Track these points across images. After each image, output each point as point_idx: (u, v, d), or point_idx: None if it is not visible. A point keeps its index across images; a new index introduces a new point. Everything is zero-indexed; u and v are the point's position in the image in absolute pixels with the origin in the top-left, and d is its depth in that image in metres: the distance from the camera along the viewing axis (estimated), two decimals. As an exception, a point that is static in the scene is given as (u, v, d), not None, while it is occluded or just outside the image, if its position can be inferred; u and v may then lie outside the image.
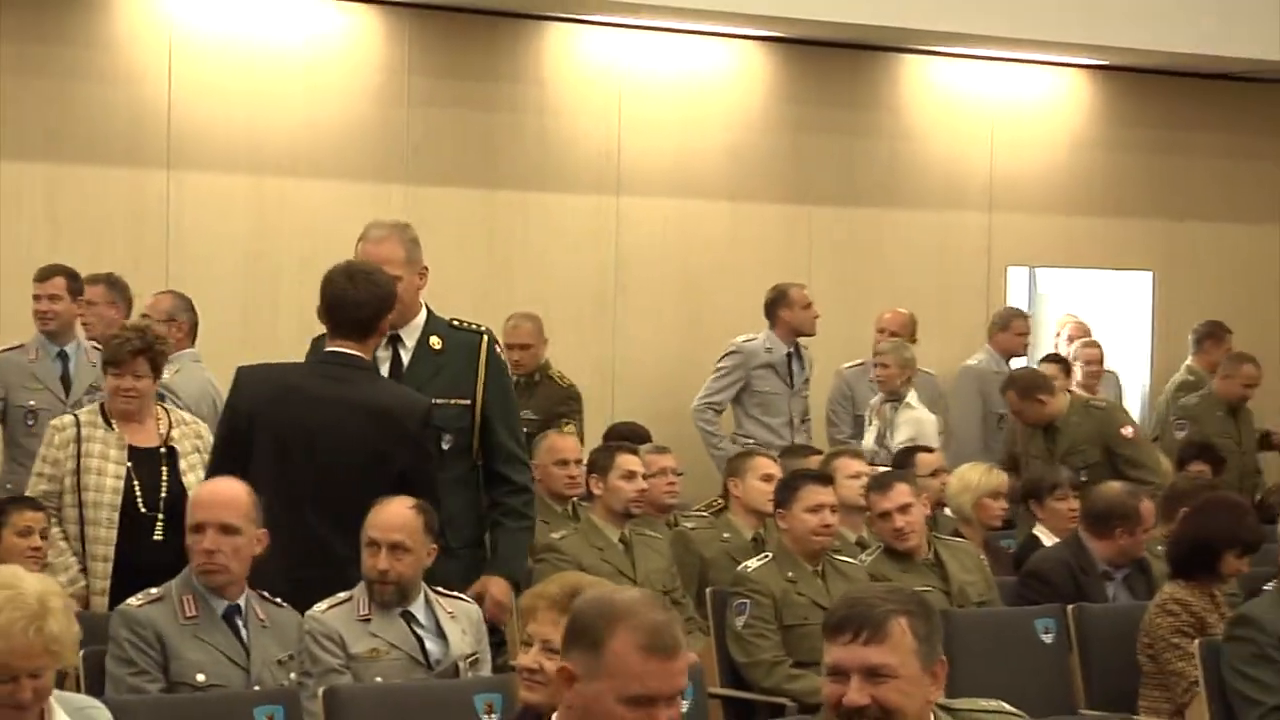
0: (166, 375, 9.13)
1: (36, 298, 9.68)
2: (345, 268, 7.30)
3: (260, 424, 7.20)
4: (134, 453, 7.93)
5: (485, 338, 7.51)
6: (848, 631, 4.39)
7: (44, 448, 8.16)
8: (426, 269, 7.50)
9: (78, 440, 7.97)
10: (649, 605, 4.24)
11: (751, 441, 11.91)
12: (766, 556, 8.40)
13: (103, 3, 11.92)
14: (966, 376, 13.49)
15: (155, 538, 7.89)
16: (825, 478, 8.66)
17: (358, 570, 6.79)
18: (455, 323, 7.58)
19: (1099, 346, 13.85)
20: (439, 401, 7.24)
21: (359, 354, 7.22)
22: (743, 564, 8.49)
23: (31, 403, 9.41)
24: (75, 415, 8.23)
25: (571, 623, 4.25)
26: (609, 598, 4.28)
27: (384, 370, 7.36)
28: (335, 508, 7.01)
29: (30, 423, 9.44)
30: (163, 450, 7.98)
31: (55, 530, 7.92)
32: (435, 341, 7.40)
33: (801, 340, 12.72)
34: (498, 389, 7.49)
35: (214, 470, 7.28)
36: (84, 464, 7.93)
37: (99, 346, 9.83)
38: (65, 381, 9.51)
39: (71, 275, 9.77)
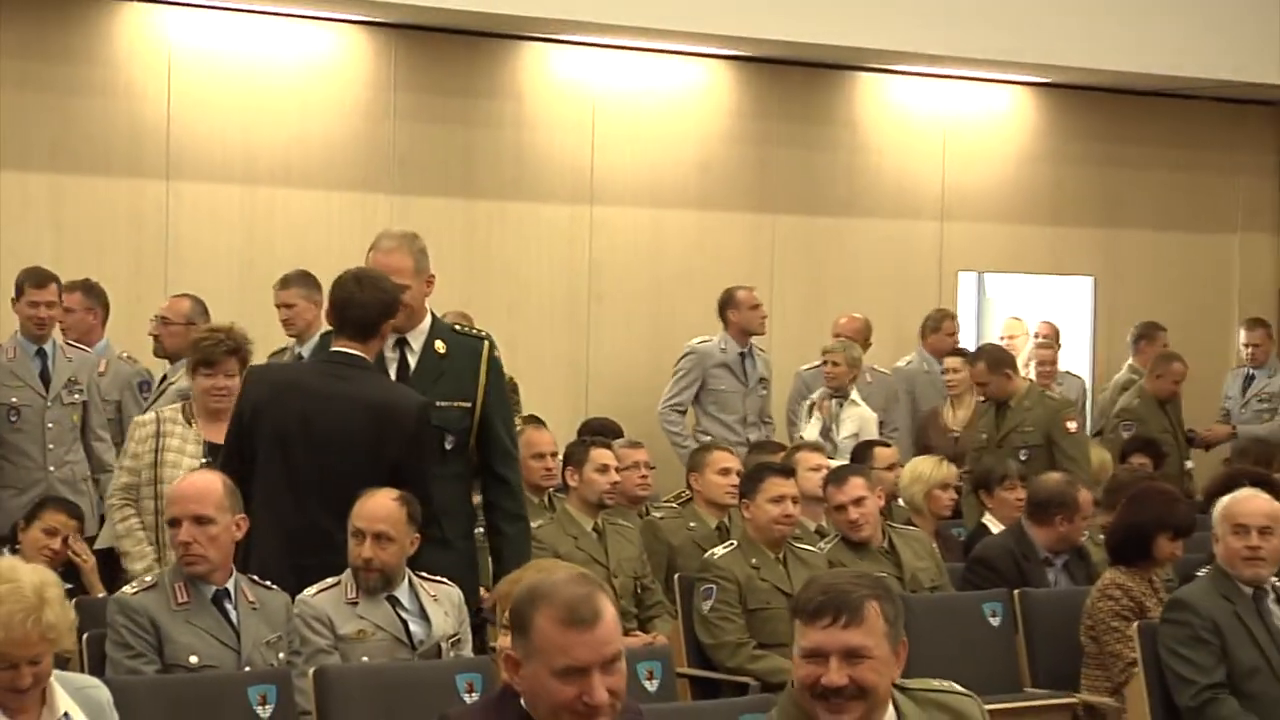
0: (181, 377, 9.17)
1: (34, 304, 9.57)
2: (355, 273, 7.32)
3: (263, 418, 7.20)
4: (210, 448, 7.89)
5: (486, 343, 7.51)
6: (826, 616, 4.42)
7: (127, 442, 8.26)
8: (433, 277, 7.50)
9: (157, 436, 8.01)
10: (570, 582, 4.24)
11: (709, 438, 11.89)
12: (732, 544, 8.42)
13: (105, 22, 11.91)
14: (897, 377, 13.50)
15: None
16: (787, 470, 8.69)
17: None
18: (458, 327, 7.67)
19: (1054, 349, 13.88)
20: (442, 404, 7.25)
21: (361, 354, 7.21)
22: (709, 551, 8.53)
23: (14, 400, 9.37)
24: (157, 412, 8.26)
25: (509, 612, 4.29)
26: (535, 582, 4.29)
27: (392, 372, 7.36)
28: (334, 498, 6.98)
29: (13, 419, 9.40)
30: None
31: (134, 520, 7.99)
32: (440, 346, 7.38)
33: (758, 341, 12.77)
34: (497, 391, 7.50)
35: (224, 464, 7.26)
36: (162, 458, 7.96)
37: (79, 346, 9.87)
38: (44, 378, 9.48)
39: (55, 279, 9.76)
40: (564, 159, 13.35)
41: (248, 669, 6.31)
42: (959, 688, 4.78)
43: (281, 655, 6.47)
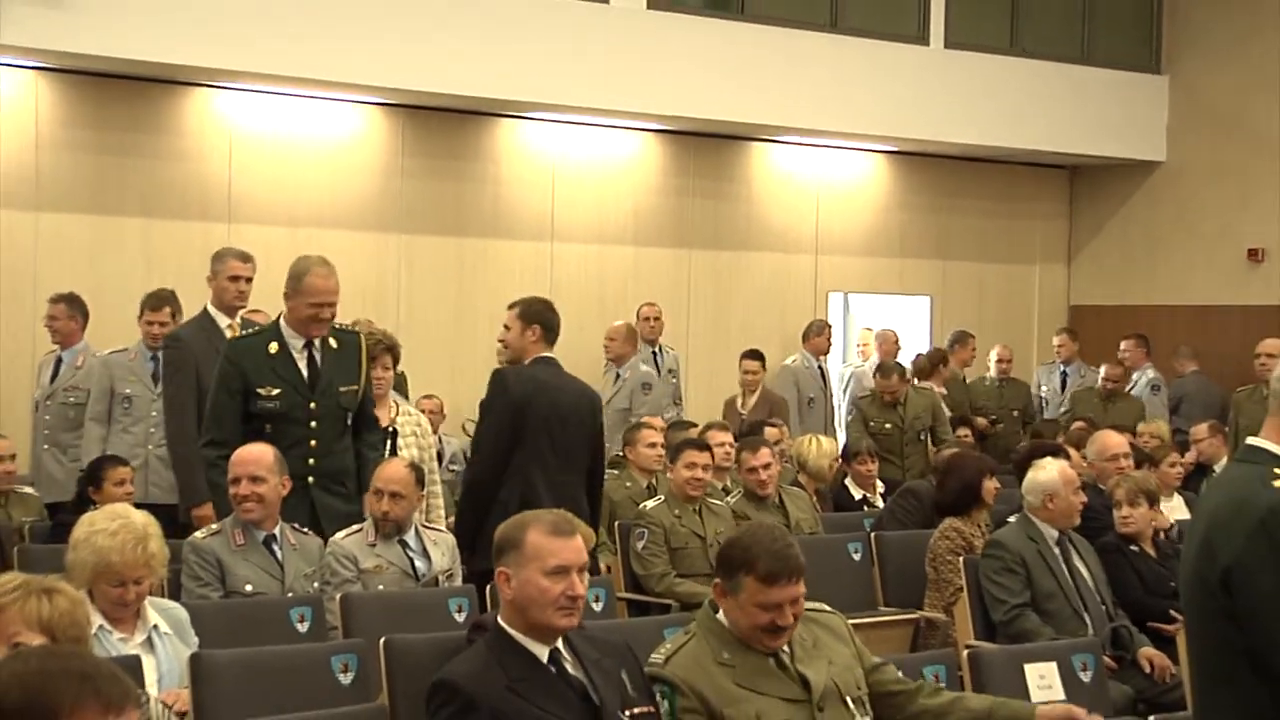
0: None
1: (150, 322, 9.39)
2: (548, 301, 7.73)
3: (532, 406, 7.37)
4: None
5: (360, 336, 7.18)
6: (787, 576, 4.43)
7: None
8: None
9: None
10: (547, 511, 4.39)
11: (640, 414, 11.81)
12: (660, 499, 8.39)
13: (182, 104, 11.87)
14: (785, 372, 13.52)
15: None
16: (702, 444, 8.68)
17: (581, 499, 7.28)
18: (339, 326, 7.19)
19: (895, 350, 13.94)
20: (343, 389, 6.97)
21: (554, 358, 7.59)
22: (641, 504, 8.52)
23: (128, 391, 9.29)
24: None
25: (496, 543, 4.32)
26: (519, 515, 4.38)
27: (302, 366, 6.98)
28: (575, 459, 7.47)
29: (126, 406, 9.24)
30: (390, 429, 7.61)
31: None
32: (333, 342, 7.01)
33: (672, 343, 12.80)
34: (368, 375, 7.18)
35: (499, 438, 7.37)
36: None
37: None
38: (154, 377, 9.41)
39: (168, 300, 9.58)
40: (531, 208, 13.32)
41: (290, 595, 6.28)
42: (829, 608, 4.81)
43: (316, 585, 6.44)
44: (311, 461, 6.91)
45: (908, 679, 4.72)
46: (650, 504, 8.37)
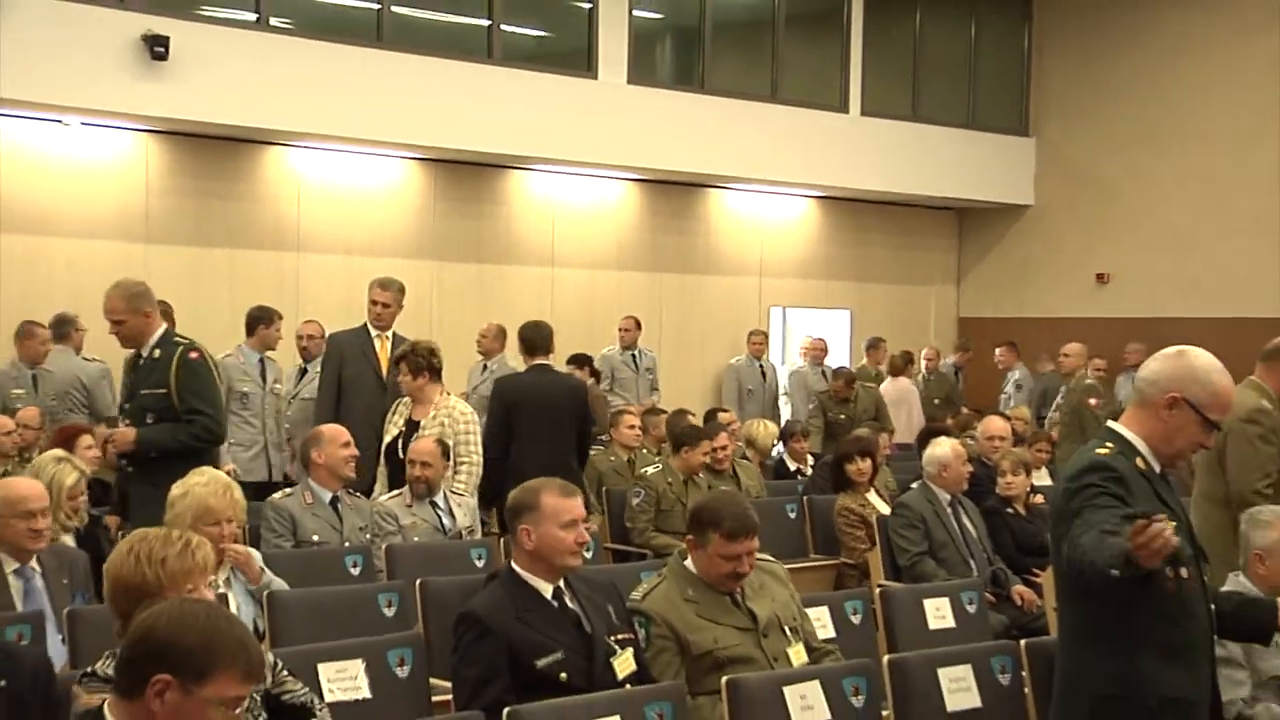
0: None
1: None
2: (536, 322, 8.06)
3: (524, 403, 7.64)
4: (410, 422, 7.21)
5: (181, 348, 6.27)
6: (745, 533, 4.46)
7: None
8: (151, 311, 6.29)
9: (394, 411, 7.37)
10: (552, 479, 4.37)
11: (619, 403, 11.81)
12: (659, 467, 8.21)
13: (260, 159, 11.81)
14: (731, 369, 13.51)
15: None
16: (716, 432, 8.65)
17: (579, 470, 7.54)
18: (175, 339, 6.37)
19: (824, 353, 13.92)
20: (144, 391, 6.21)
21: (547, 363, 7.84)
22: (641, 469, 8.43)
23: (245, 389, 9.16)
24: (397, 401, 7.45)
25: (511, 506, 4.29)
26: (529, 483, 4.34)
27: (121, 374, 6.45)
28: (564, 441, 7.67)
29: (244, 401, 9.09)
30: (419, 422, 7.16)
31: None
32: (156, 353, 6.22)
33: (644, 345, 12.75)
34: (186, 375, 6.20)
35: (497, 432, 7.63)
36: (391, 420, 7.34)
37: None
38: (263, 376, 9.31)
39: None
40: (536, 240, 13.28)
41: (346, 545, 6.26)
42: (772, 558, 4.82)
43: (367, 537, 6.43)
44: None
45: (822, 644, 4.70)
46: (650, 470, 8.23)
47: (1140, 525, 3.19)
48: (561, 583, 4.22)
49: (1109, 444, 3.66)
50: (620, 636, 4.20)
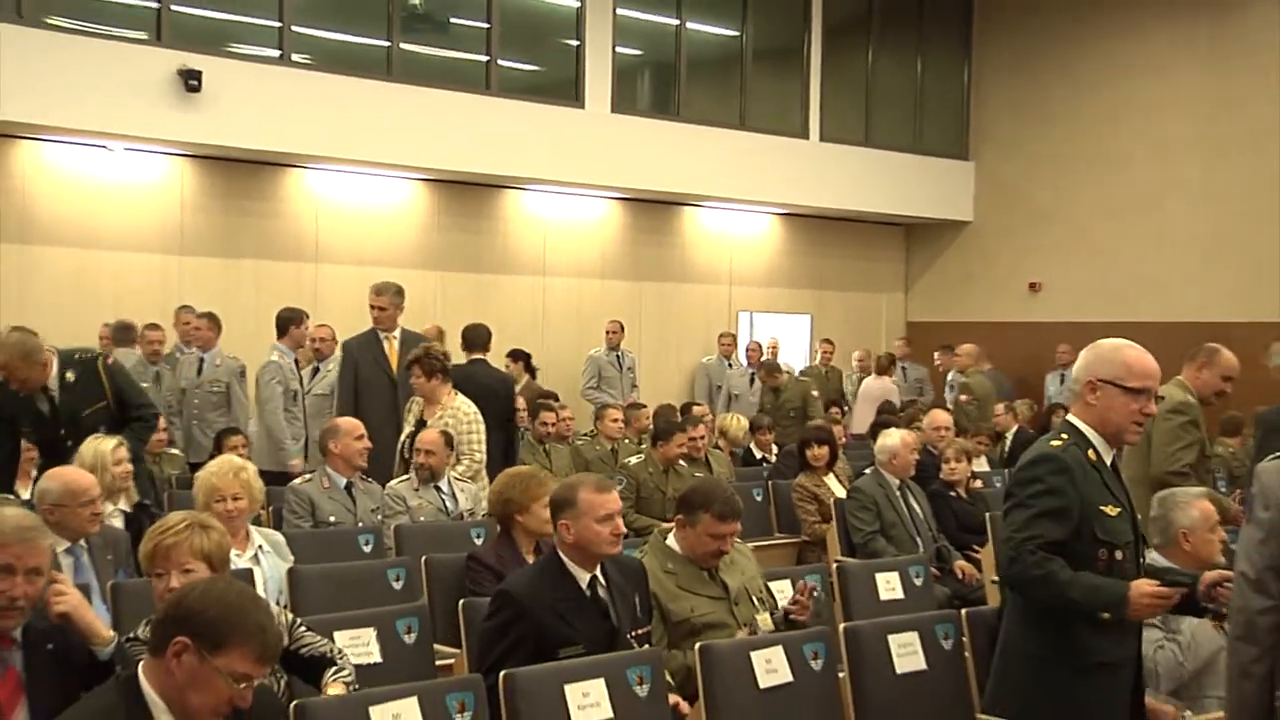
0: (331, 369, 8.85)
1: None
2: (468, 327, 8.23)
3: (465, 387, 7.29)
4: (420, 422, 7.08)
5: (100, 359, 6.06)
6: (732, 516, 4.47)
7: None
8: (44, 363, 5.86)
9: (408, 411, 7.27)
10: (589, 475, 4.34)
11: (604, 398, 11.79)
12: (641, 457, 8.13)
13: (282, 180, 11.74)
14: (702, 368, 13.53)
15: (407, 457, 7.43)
16: (694, 423, 8.59)
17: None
18: (77, 355, 6.06)
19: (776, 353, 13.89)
20: (87, 412, 5.93)
21: (485, 358, 7.89)
22: (624, 459, 8.39)
23: (295, 388, 9.04)
24: (411, 401, 7.29)
25: (552, 502, 4.22)
26: (568, 480, 4.29)
27: (45, 403, 5.95)
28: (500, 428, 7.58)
29: (294, 399, 8.97)
30: (428, 421, 7.08)
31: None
32: (70, 375, 5.94)
33: (626, 347, 12.71)
34: (121, 380, 6.15)
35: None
36: (406, 420, 7.23)
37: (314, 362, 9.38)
38: (299, 378, 9.26)
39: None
40: (528, 252, 13.23)
41: (360, 525, 6.24)
42: (739, 539, 4.76)
43: (379, 518, 6.40)
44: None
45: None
46: (633, 460, 8.19)
47: (1155, 591, 3.37)
48: (598, 570, 4.14)
49: (1064, 435, 3.65)
50: (640, 631, 4.14)
